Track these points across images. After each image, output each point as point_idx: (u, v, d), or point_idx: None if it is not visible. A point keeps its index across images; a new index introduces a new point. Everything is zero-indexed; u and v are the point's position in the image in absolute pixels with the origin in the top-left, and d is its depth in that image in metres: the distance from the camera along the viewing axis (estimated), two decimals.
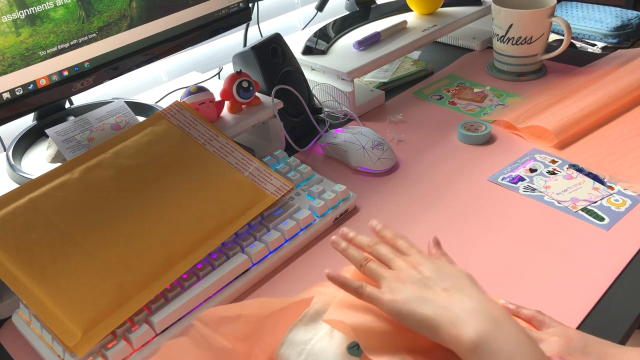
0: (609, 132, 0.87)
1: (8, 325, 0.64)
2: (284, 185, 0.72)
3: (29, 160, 0.78)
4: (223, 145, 0.74)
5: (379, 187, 0.80)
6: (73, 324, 0.55)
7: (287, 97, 0.88)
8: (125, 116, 0.80)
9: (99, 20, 0.75)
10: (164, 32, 0.83)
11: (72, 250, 0.60)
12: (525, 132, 0.88)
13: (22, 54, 0.69)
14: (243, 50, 0.90)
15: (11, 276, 0.57)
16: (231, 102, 0.83)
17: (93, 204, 0.64)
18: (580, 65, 1.06)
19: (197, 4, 0.85)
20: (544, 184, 0.78)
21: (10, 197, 0.63)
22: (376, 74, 1.09)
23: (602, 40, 1.75)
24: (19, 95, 0.70)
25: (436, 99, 1.01)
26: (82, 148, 0.74)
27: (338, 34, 1.07)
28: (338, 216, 0.74)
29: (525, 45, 1.01)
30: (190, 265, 0.62)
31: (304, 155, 0.89)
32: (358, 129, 0.86)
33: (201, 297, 0.62)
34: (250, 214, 0.68)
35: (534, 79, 1.04)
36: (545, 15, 0.99)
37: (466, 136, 0.88)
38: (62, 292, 0.56)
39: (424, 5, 1.12)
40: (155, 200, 0.66)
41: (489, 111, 0.96)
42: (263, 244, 0.67)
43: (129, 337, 0.57)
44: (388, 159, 0.83)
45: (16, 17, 0.67)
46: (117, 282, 0.58)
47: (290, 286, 0.66)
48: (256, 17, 1.15)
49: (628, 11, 1.78)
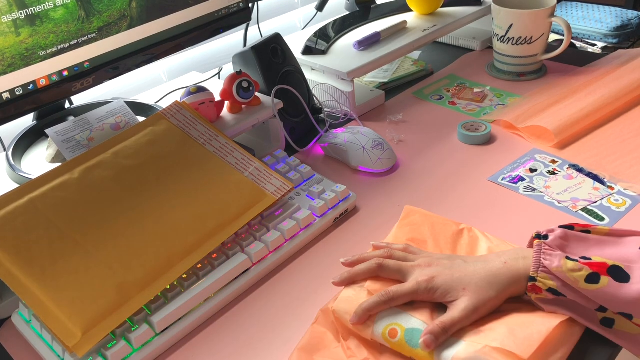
0: (609, 132, 0.87)
1: (8, 325, 0.64)
2: (284, 185, 0.72)
3: (29, 160, 0.78)
4: (223, 145, 0.74)
5: (379, 187, 0.80)
6: (73, 324, 0.55)
7: (287, 97, 0.88)
8: (125, 116, 0.80)
9: (98, 20, 0.75)
10: (164, 32, 0.83)
11: (72, 250, 0.60)
12: (525, 132, 0.88)
13: (22, 54, 0.69)
14: (243, 50, 0.90)
15: (11, 276, 0.57)
16: (231, 102, 0.83)
17: (93, 204, 0.64)
18: (580, 65, 1.06)
19: (197, 4, 0.85)
20: (544, 184, 0.78)
21: (10, 197, 0.63)
22: (376, 74, 1.09)
23: (602, 40, 1.75)
24: (19, 95, 0.70)
25: (436, 99, 1.01)
26: (82, 148, 0.74)
27: (338, 34, 1.07)
28: (338, 216, 0.74)
29: (525, 45, 1.01)
30: (190, 265, 0.62)
31: (304, 155, 0.89)
32: (358, 129, 0.86)
33: (201, 297, 0.62)
34: (250, 214, 0.68)
35: (534, 79, 1.04)
36: (545, 15, 0.99)
37: (466, 136, 0.88)
38: (62, 292, 0.56)
39: (424, 5, 1.12)
40: (155, 200, 0.66)
41: (489, 111, 0.96)
42: (263, 244, 0.67)
43: (129, 337, 0.57)
44: (388, 159, 0.83)
45: (16, 17, 0.67)
46: (117, 282, 0.58)
47: (290, 286, 0.66)
48: (256, 17, 1.15)
49: (628, 11, 1.78)
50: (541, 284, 0.54)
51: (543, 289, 0.54)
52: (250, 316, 0.63)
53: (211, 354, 0.59)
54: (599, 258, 0.53)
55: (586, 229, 0.58)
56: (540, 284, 0.54)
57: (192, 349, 0.60)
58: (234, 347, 0.59)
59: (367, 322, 0.56)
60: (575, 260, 0.53)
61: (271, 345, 0.59)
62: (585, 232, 0.58)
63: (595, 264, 0.53)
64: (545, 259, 0.54)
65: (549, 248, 0.55)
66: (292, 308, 0.63)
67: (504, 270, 0.56)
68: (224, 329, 0.62)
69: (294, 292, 0.65)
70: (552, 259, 0.54)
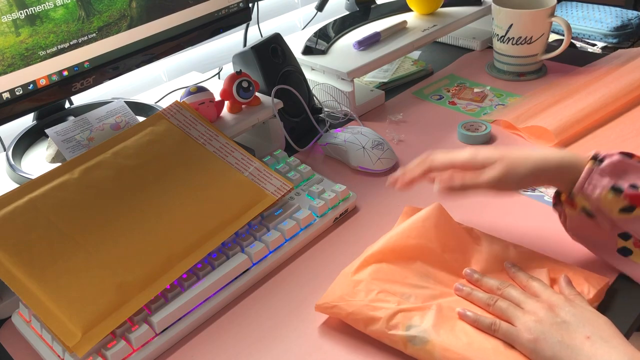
0: (609, 132, 0.87)
1: (8, 325, 0.64)
2: (284, 185, 0.72)
3: (29, 160, 0.78)
4: (223, 145, 0.74)
5: (379, 187, 0.80)
6: (73, 324, 0.55)
7: (287, 97, 0.88)
8: (125, 116, 0.80)
9: (98, 20, 0.75)
10: (164, 32, 0.83)
11: (72, 250, 0.60)
12: (525, 132, 0.88)
13: (22, 54, 0.69)
14: (243, 50, 0.90)
15: (11, 276, 0.57)
16: (231, 102, 0.83)
17: (93, 204, 0.64)
18: (580, 65, 1.06)
19: (197, 4, 0.85)
20: None
21: (10, 197, 0.63)
22: (376, 74, 1.09)
23: (602, 40, 1.75)
24: (18, 95, 0.70)
25: (436, 99, 1.01)
26: (82, 148, 0.74)
27: (338, 34, 1.07)
28: (338, 216, 0.74)
29: (525, 45, 1.01)
30: (190, 265, 0.62)
31: (304, 155, 0.89)
32: (358, 129, 0.86)
33: (201, 297, 0.62)
34: (250, 214, 0.68)
35: (534, 79, 1.04)
36: (545, 15, 0.99)
37: (466, 136, 0.88)
38: (62, 292, 0.56)
39: (424, 5, 1.12)
40: (155, 200, 0.66)
41: (489, 111, 0.96)
42: (263, 244, 0.67)
43: (129, 337, 0.57)
44: (388, 159, 0.83)
45: (16, 17, 0.67)
46: (117, 282, 0.58)
47: (290, 286, 0.66)
48: (256, 17, 1.15)
49: (628, 11, 1.78)
50: (578, 201, 0.58)
51: (578, 205, 0.58)
52: (250, 316, 0.63)
53: (211, 354, 0.59)
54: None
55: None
56: (577, 201, 0.58)
57: (192, 349, 0.60)
58: (234, 347, 0.60)
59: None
60: (619, 192, 0.55)
61: (271, 345, 0.59)
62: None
63: (637, 195, 0.55)
64: (588, 185, 0.56)
65: (599, 175, 0.56)
66: (292, 308, 0.63)
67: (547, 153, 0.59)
68: (224, 329, 0.62)
69: (293, 292, 0.65)
70: (596, 187, 0.56)
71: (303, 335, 0.60)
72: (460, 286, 0.59)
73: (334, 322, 0.60)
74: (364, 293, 0.58)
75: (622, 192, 0.55)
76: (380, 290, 0.58)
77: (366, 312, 0.56)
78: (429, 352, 0.53)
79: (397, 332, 0.55)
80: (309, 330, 0.60)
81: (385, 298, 0.57)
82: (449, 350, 0.52)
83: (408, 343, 0.54)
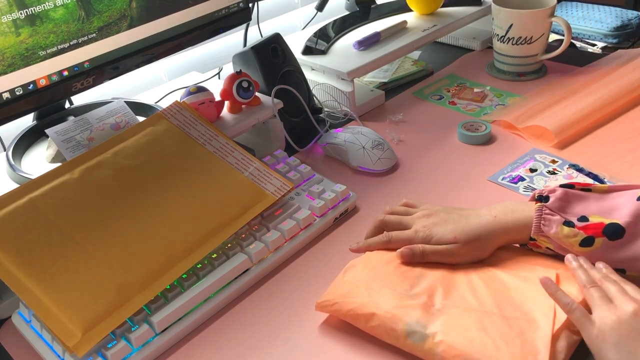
0: (609, 132, 0.87)
1: (8, 325, 0.64)
2: (284, 185, 0.72)
3: (29, 160, 0.78)
4: (223, 145, 0.74)
5: (379, 187, 0.80)
6: (73, 324, 0.55)
7: (287, 97, 0.88)
8: (125, 116, 0.80)
9: (98, 20, 0.75)
10: (164, 32, 0.83)
11: (72, 250, 0.60)
12: (525, 132, 0.88)
13: (22, 54, 0.69)
14: (243, 50, 0.90)
15: (11, 276, 0.57)
16: (231, 102, 0.83)
17: (93, 204, 0.64)
18: (580, 65, 1.06)
19: (197, 4, 0.85)
20: (544, 183, 0.78)
21: (10, 197, 0.63)
22: (376, 74, 1.09)
23: (602, 40, 1.75)
24: (18, 95, 0.70)
25: (436, 99, 1.01)
26: (82, 148, 0.74)
27: (338, 34, 1.07)
28: (338, 216, 0.74)
29: (525, 45, 1.01)
30: (190, 265, 0.62)
31: (304, 155, 0.89)
32: (358, 129, 0.86)
33: (201, 297, 0.62)
34: (250, 214, 0.68)
35: (534, 79, 1.04)
36: (545, 15, 0.99)
37: (466, 136, 0.88)
38: (62, 292, 0.56)
39: (424, 5, 1.12)
40: (155, 200, 0.66)
41: (489, 111, 0.96)
42: (263, 244, 0.67)
43: (129, 337, 0.57)
44: (388, 159, 0.83)
45: (16, 17, 0.67)
46: (117, 282, 0.58)
47: (290, 286, 0.66)
48: (256, 17, 1.15)
49: (628, 11, 1.78)
50: (541, 242, 0.60)
51: (542, 246, 0.60)
52: (250, 316, 0.63)
53: (211, 354, 0.59)
54: (597, 218, 0.57)
55: (587, 187, 0.60)
56: (540, 243, 0.60)
57: (192, 349, 0.60)
58: (234, 347, 0.60)
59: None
60: (571, 226, 0.57)
61: (271, 345, 0.59)
62: (586, 190, 0.60)
63: (592, 226, 0.57)
64: (544, 225, 0.58)
65: (549, 212, 0.59)
66: (292, 308, 0.63)
67: (493, 223, 0.61)
68: (224, 329, 0.62)
69: (294, 292, 0.65)
70: (551, 225, 0.58)
71: (303, 335, 0.60)
72: (571, 258, 0.58)
73: (335, 321, 0.60)
74: (365, 290, 0.58)
75: (574, 226, 0.57)
76: (381, 287, 0.58)
77: (367, 309, 0.56)
78: (429, 348, 0.53)
79: (398, 327, 0.55)
80: (309, 330, 0.60)
81: (386, 295, 0.57)
82: (450, 346, 0.52)
83: (408, 339, 0.54)
